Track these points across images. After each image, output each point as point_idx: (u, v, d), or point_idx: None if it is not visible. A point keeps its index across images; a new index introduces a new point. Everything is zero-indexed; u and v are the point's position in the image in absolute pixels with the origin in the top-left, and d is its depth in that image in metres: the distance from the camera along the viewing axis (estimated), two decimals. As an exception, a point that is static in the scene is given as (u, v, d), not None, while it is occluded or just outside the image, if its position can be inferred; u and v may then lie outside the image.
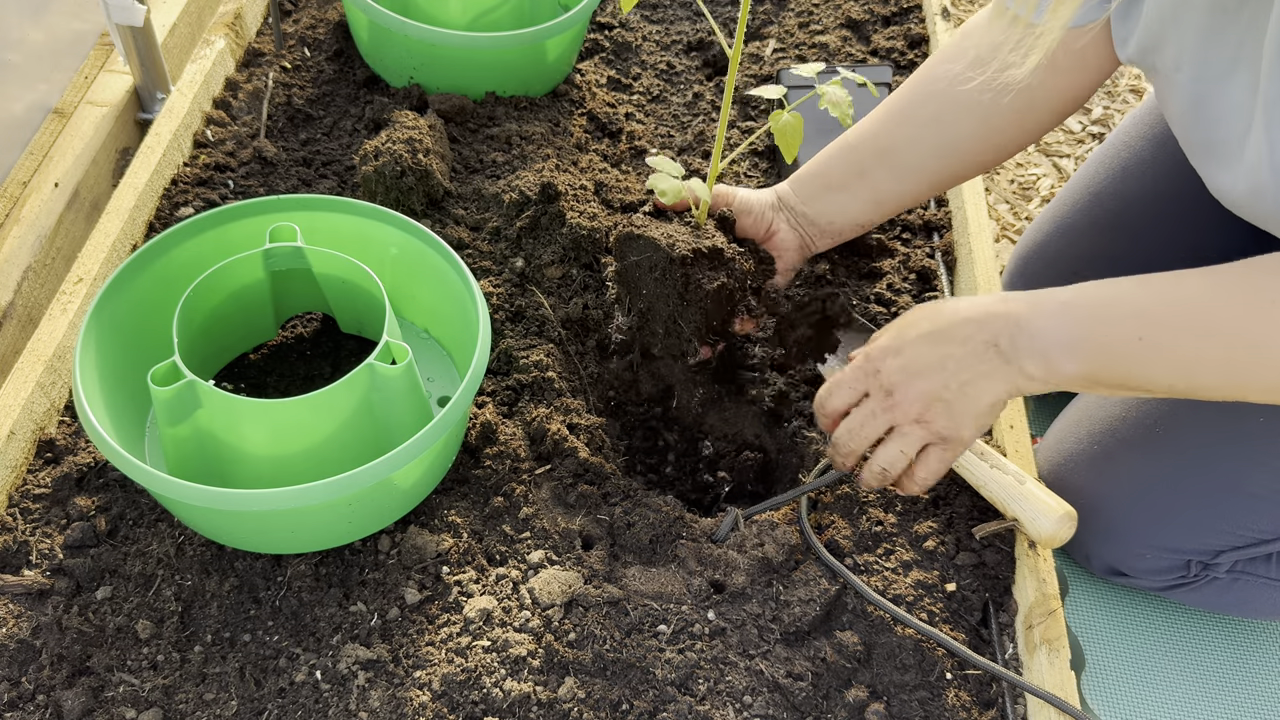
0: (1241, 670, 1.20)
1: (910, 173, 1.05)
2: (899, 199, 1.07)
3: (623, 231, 1.02)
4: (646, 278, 1.01)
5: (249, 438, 0.90)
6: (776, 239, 1.09)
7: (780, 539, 0.97)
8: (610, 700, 0.86)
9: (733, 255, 1.02)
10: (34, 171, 1.23)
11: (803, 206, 1.09)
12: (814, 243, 1.11)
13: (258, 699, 0.85)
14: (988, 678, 0.91)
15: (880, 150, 1.05)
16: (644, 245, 1.00)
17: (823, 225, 1.09)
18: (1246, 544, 1.08)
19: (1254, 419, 1.02)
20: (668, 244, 0.99)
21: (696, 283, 1.01)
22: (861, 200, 1.07)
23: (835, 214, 1.08)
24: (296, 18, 1.47)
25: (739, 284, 1.03)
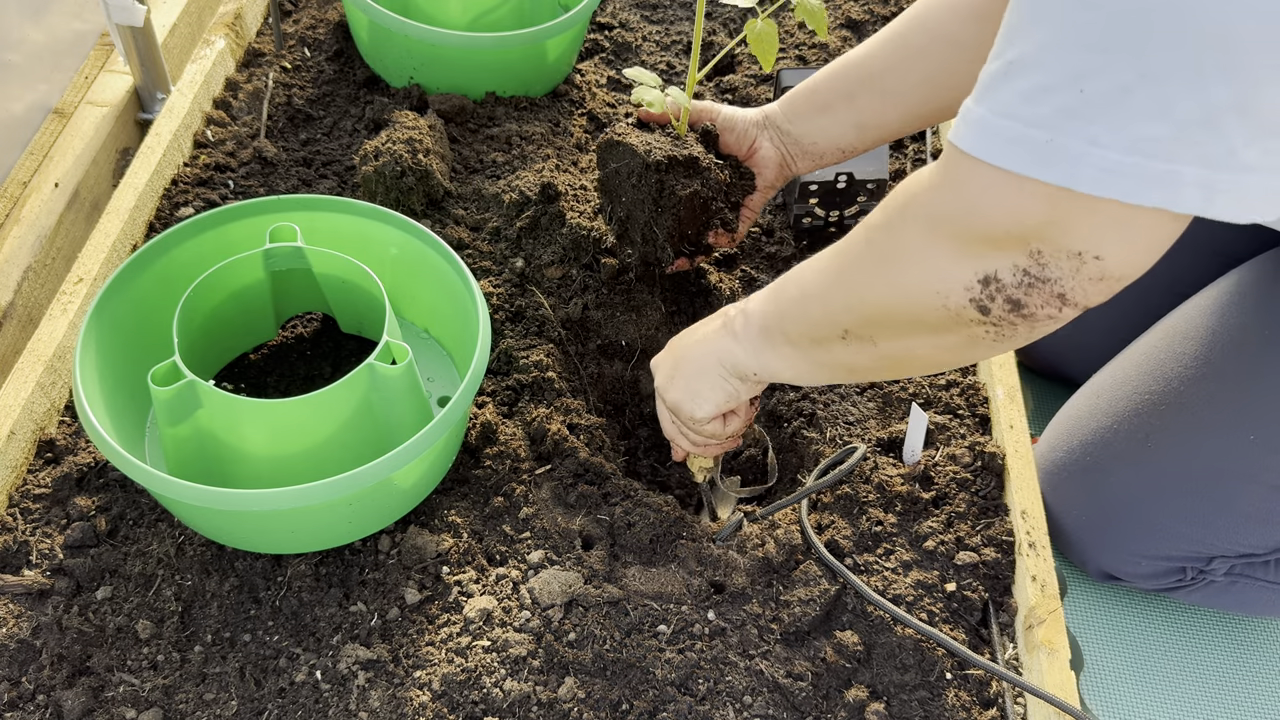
0: (1241, 670, 1.20)
1: (897, 100, 1.04)
2: (881, 126, 1.06)
3: (604, 138, 1.04)
4: (625, 184, 1.04)
5: (249, 438, 0.90)
6: (758, 156, 1.10)
7: (780, 539, 0.97)
8: (610, 700, 0.86)
9: (708, 165, 1.04)
10: (34, 171, 1.23)
11: (788, 125, 1.09)
12: (795, 163, 1.11)
13: (258, 699, 0.85)
14: (988, 678, 0.91)
15: (870, 74, 1.04)
16: (623, 151, 1.03)
17: (805, 145, 1.09)
18: (1238, 555, 1.08)
19: (1244, 436, 1.02)
20: (644, 150, 1.02)
21: (670, 189, 1.03)
22: (845, 123, 1.07)
23: (819, 135, 1.08)
24: (296, 18, 1.47)
25: (714, 193, 1.05)
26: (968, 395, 1.12)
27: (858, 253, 0.76)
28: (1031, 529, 0.98)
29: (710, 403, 0.91)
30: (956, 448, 1.06)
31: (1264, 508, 1.03)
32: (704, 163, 1.04)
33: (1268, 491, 1.02)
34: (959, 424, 1.09)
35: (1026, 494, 1.01)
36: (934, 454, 1.06)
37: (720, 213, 1.08)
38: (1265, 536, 1.05)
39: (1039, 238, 0.59)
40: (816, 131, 1.08)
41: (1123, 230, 0.56)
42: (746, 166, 1.11)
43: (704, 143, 1.07)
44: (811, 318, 0.80)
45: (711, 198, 1.05)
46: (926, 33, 1.01)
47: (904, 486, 1.02)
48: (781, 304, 0.84)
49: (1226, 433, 1.03)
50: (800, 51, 1.53)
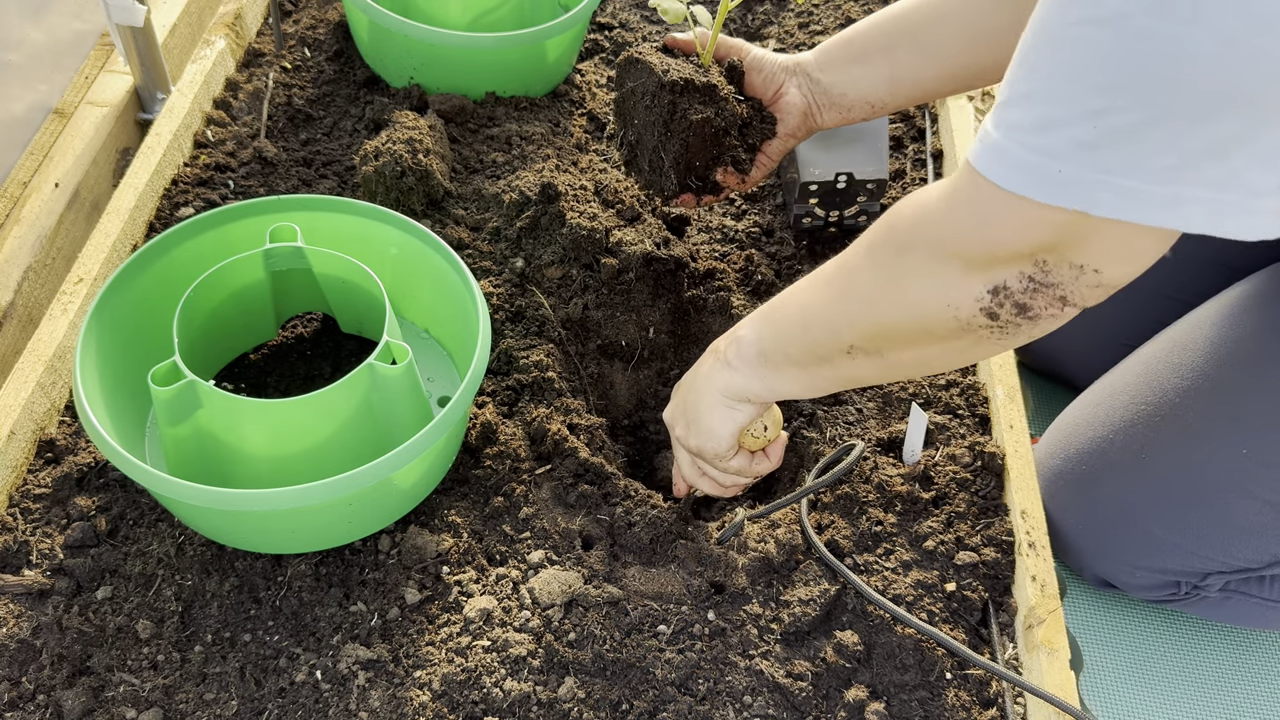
0: (1240, 672, 1.20)
1: (935, 56, 1.01)
2: (916, 83, 1.03)
3: (625, 56, 1.02)
4: (638, 104, 1.01)
5: (249, 438, 0.90)
6: (783, 101, 1.07)
7: (780, 539, 0.97)
8: (610, 700, 0.86)
9: (726, 95, 1.01)
10: (34, 171, 1.23)
11: (819, 74, 1.06)
12: (821, 113, 1.08)
13: (258, 699, 0.85)
14: (988, 677, 0.91)
15: (910, 26, 1.01)
16: (640, 70, 1.00)
17: (834, 96, 1.06)
18: (1233, 570, 1.08)
19: (1238, 449, 1.02)
20: (662, 70, 0.99)
21: (682, 112, 1.00)
22: (878, 75, 1.04)
23: (849, 86, 1.05)
24: (297, 18, 1.47)
25: (727, 125, 1.02)
26: (968, 395, 1.12)
27: (862, 273, 0.76)
28: (1031, 529, 0.98)
29: (725, 432, 0.90)
30: (956, 448, 1.06)
31: (1258, 521, 1.03)
32: (721, 92, 1.00)
33: (1261, 505, 1.02)
34: (959, 424, 1.09)
35: (1026, 494, 1.01)
36: (934, 454, 1.06)
37: (733, 149, 1.04)
38: (1259, 550, 1.05)
39: (1046, 251, 0.62)
40: (847, 82, 1.05)
41: (1125, 248, 0.60)
42: (769, 110, 1.08)
43: (728, 77, 1.03)
44: (815, 338, 0.81)
45: (725, 129, 1.01)
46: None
47: (904, 486, 1.02)
48: (779, 327, 0.85)
49: (1221, 446, 1.03)
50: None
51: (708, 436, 0.90)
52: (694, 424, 0.91)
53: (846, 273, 0.78)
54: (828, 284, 0.80)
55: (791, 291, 0.85)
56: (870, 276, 0.75)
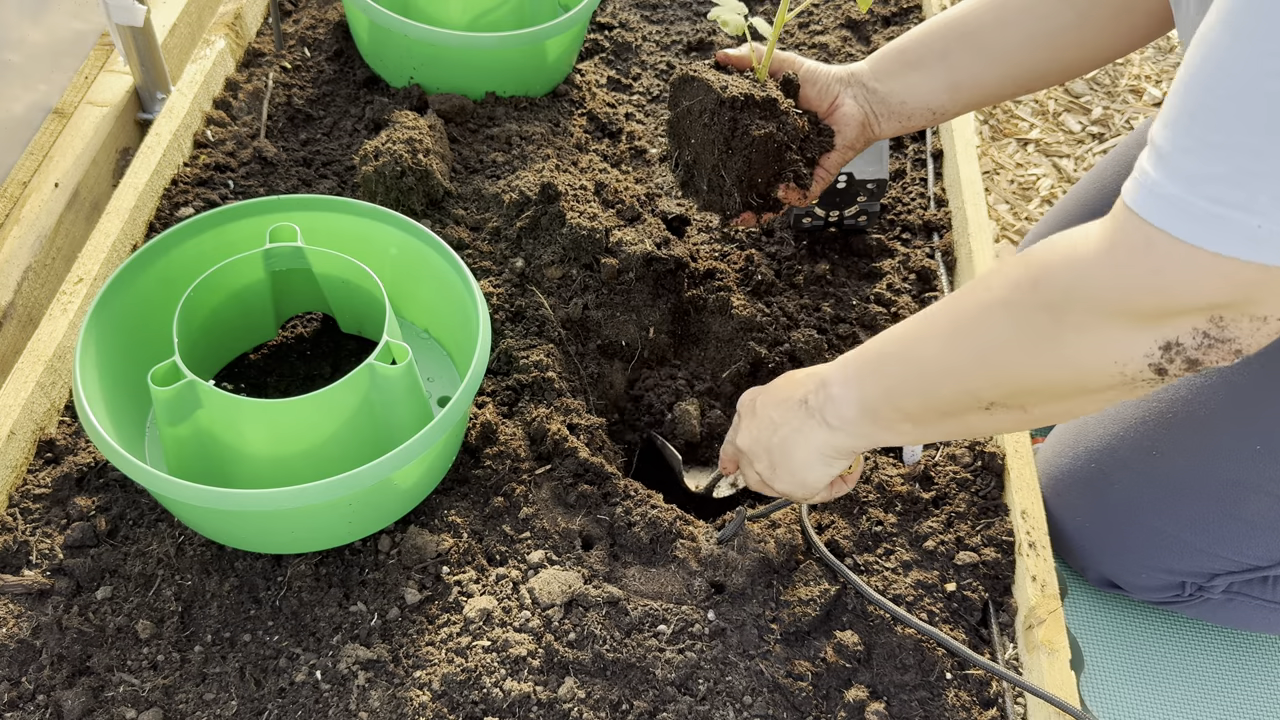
0: (1240, 673, 1.20)
1: (996, 59, 1.00)
2: (977, 87, 1.02)
3: (679, 74, 0.99)
4: (696, 123, 0.98)
5: (249, 438, 0.90)
6: (839, 113, 1.05)
7: (780, 539, 0.97)
8: (610, 700, 0.86)
9: (787, 109, 0.98)
10: (34, 171, 1.23)
11: (875, 83, 1.04)
12: (879, 124, 1.06)
13: (258, 699, 0.85)
14: (988, 677, 0.91)
15: (967, 32, 1.00)
16: (697, 88, 0.97)
17: (893, 105, 1.04)
18: (1242, 569, 1.08)
19: (1251, 446, 1.01)
20: (720, 87, 0.96)
21: (745, 128, 0.97)
22: (938, 81, 1.02)
23: (908, 94, 1.03)
24: (296, 18, 1.47)
25: (789, 140, 1.00)
26: (968, 395, 1.11)
27: (1002, 330, 0.71)
28: (1031, 529, 0.98)
29: (821, 483, 0.89)
30: (956, 448, 1.06)
31: (1270, 517, 1.03)
32: (782, 106, 0.98)
33: (1274, 502, 1.02)
34: (959, 424, 1.09)
35: (1026, 494, 1.01)
36: (934, 454, 1.06)
37: (794, 165, 1.01)
38: (1271, 548, 1.05)
39: (1225, 306, 0.60)
40: (905, 90, 1.03)
41: None
42: (826, 123, 1.06)
43: (784, 90, 1.02)
44: (942, 396, 0.77)
45: (786, 144, 0.99)
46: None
47: (904, 486, 1.03)
48: (889, 384, 0.80)
49: (1233, 442, 1.03)
50: (800, 51, 1.53)
51: (800, 486, 0.89)
52: (784, 472, 0.88)
53: (981, 329, 0.73)
54: (953, 339, 0.75)
55: (898, 342, 0.80)
56: (1016, 335, 0.70)
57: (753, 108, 0.97)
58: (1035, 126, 1.94)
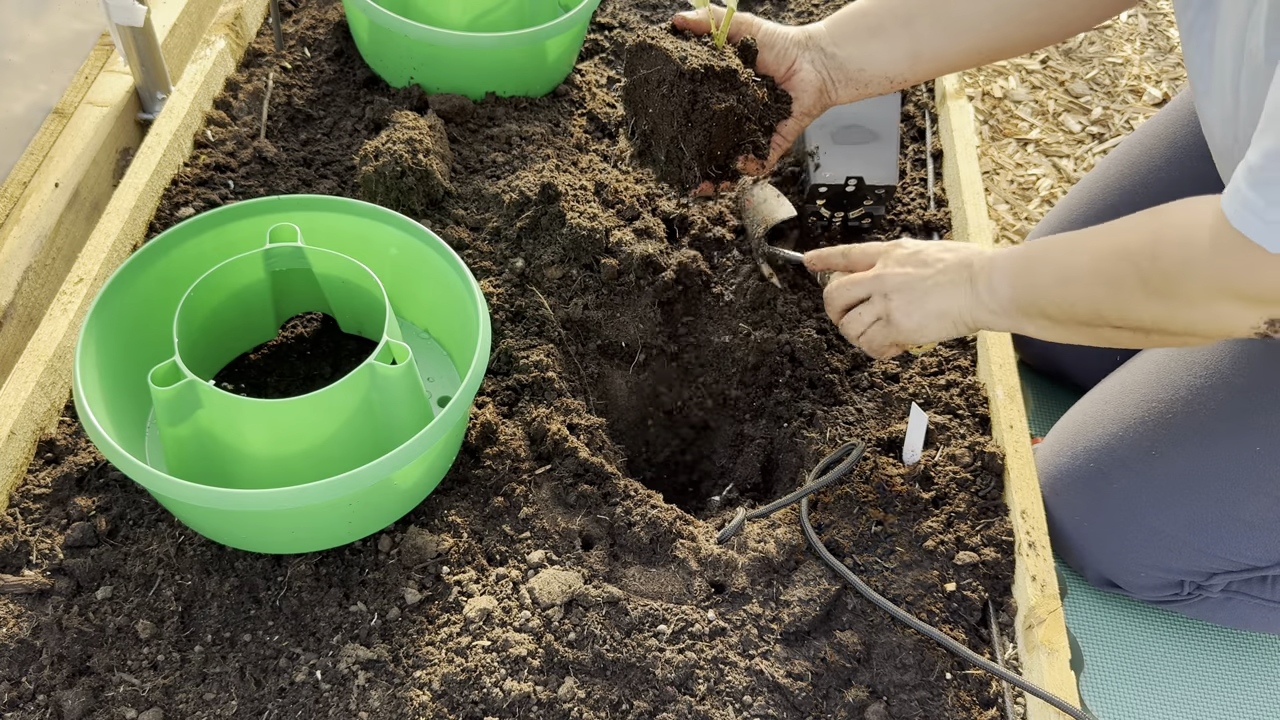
0: (1240, 673, 1.20)
1: (963, 31, 0.98)
2: (938, 58, 1.00)
3: (636, 41, 0.96)
4: (654, 93, 0.95)
5: (249, 438, 0.90)
6: (797, 78, 1.02)
7: (780, 539, 0.97)
8: (610, 700, 0.86)
9: (747, 80, 0.96)
10: (34, 172, 1.23)
11: (834, 48, 1.01)
12: (836, 89, 1.04)
13: (258, 699, 0.85)
14: (988, 677, 0.91)
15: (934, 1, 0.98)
16: (655, 57, 0.94)
17: (851, 71, 1.02)
18: (1240, 569, 1.08)
19: (1250, 447, 1.02)
20: (679, 57, 0.93)
21: (704, 102, 0.95)
22: (899, 49, 1.00)
23: (867, 61, 1.01)
24: (297, 18, 1.47)
25: (749, 112, 0.97)
26: (967, 395, 1.12)
27: (1132, 282, 0.81)
28: (1031, 529, 0.98)
29: (932, 337, 0.97)
30: (956, 448, 1.06)
31: (1269, 518, 1.03)
32: (742, 77, 0.95)
33: (1272, 503, 1.02)
34: (959, 424, 1.09)
35: (1026, 494, 1.01)
36: (934, 454, 1.06)
37: (753, 135, 0.99)
38: (1268, 548, 1.05)
39: None
40: (865, 57, 1.01)
41: None
42: (783, 89, 1.03)
43: (742, 57, 0.99)
44: (1079, 310, 0.86)
45: (746, 116, 0.97)
46: None
47: (904, 486, 1.03)
48: (1039, 289, 0.88)
49: (1233, 443, 1.03)
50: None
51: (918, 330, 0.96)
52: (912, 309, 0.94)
53: (1114, 273, 0.82)
54: (1094, 272, 0.83)
55: (1054, 251, 0.87)
56: (1142, 290, 0.80)
57: (712, 79, 0.94)
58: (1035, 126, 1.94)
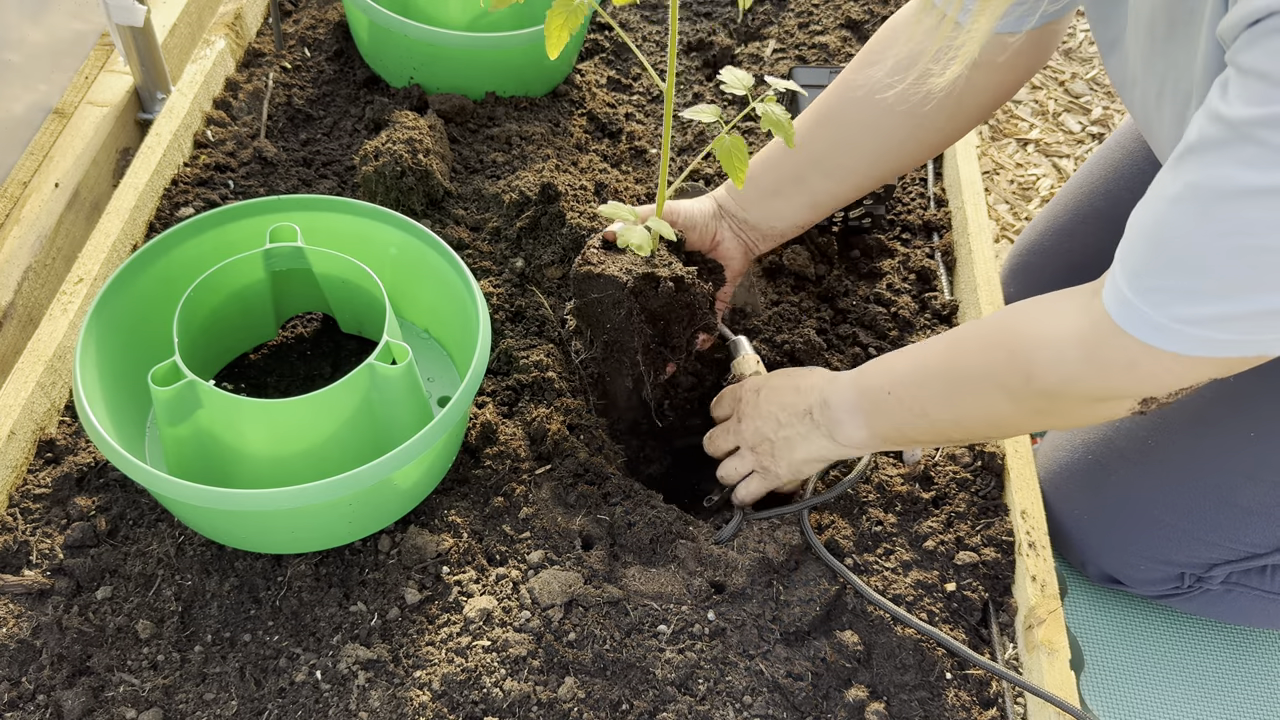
0: (1240, 672, 1.20)
1: (847, 176, 1.06)
2: (835, 200, 1.09)
3: (580, 270, 1.01)
4: (609, 313, 1.01)
5: (249, 438, 0.90)
6: (721, 248, 1.10)
7: (780, 539, 0.97)
8: (610, 700, 0.86)
9: (692, 281, 1.02)
10: (34, 172, 1.23)
11: (743, 213, 1.09)
12: (757, 246, 1.12)
13: (258, 699, 0.85)
14: (988, 677, 0.91)
15: (814, 158, 1.05)
16: (603, 282, 0.99)
17: (764, 229, 1.10)
18: (1239, 558, 1.09)
19: (1244, 433, 1.02)
20: (625, 278, 0.99)
21: (658, 310, 1.01)
22: (798, 205, 1.08)
23: (775, 219, 1.09)
24: (297, 18, 1.47)
25: (700, 303, 1.03)
26: (968, 395, 1.11)
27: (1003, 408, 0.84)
28: (1031, 529, 0.98)
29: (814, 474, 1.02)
30: (956, 448, 1.06)
31: (1265, 503, 1.04)
32: (688, 280, 1.02)
33: (1269, 488, 1.03)
34: (959, 424, 1.09)
35: (1026, 494, 1.01)
36: (934, 454, 1.06)
37: (705, 318, 1.05)
38: (1266, 534, 1.06)
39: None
40: (773, 216, 1.09)
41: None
42: (715, 260, 1.10)
43: (674, 251, 1.05)
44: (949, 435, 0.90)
45: (698, 306, 1.04)
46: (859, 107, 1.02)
47: (904, 486, 1.03)
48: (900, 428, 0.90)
49: (1228, 430, 1.04)
50: (800, 51, 1.53)
51: (796, 477, 0.99)
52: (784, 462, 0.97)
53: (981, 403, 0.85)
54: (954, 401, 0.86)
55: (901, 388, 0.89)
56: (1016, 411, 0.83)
57: (665, 292, 1.00)
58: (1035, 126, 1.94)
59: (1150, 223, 0.69)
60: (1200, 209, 0.65)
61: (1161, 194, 0.68)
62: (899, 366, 0.90)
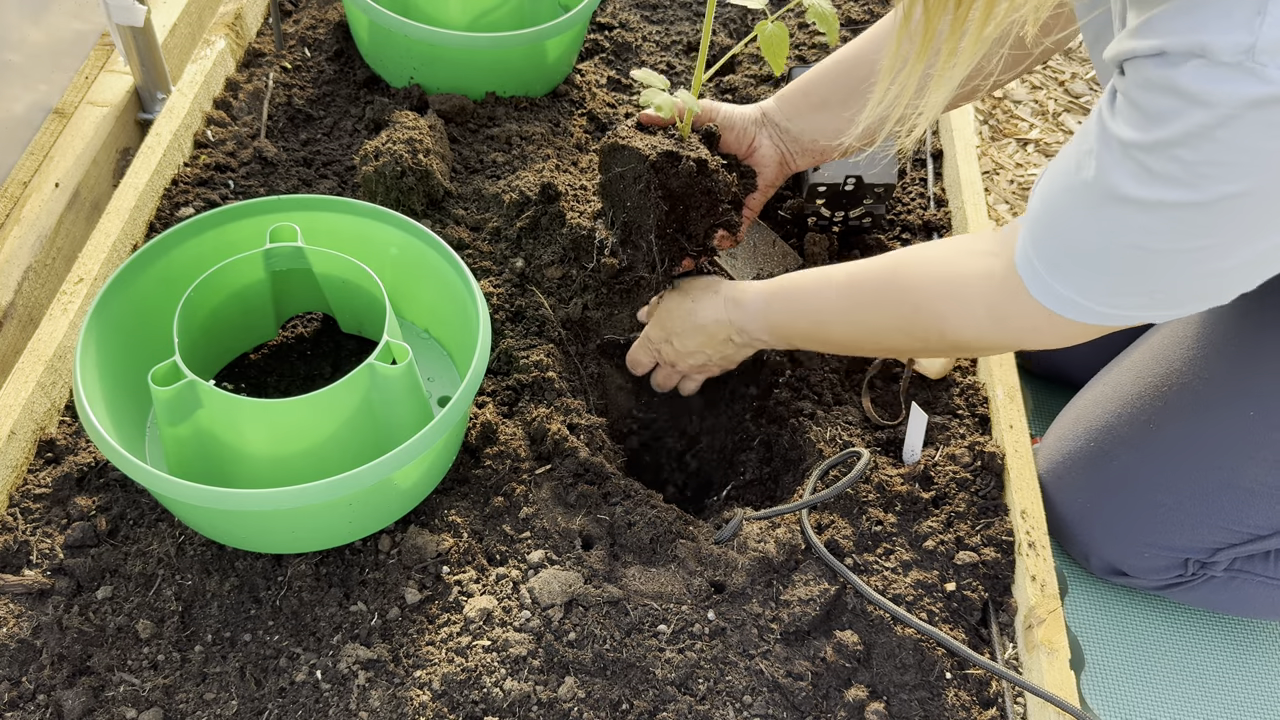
0: (1240, 670, 1.20)
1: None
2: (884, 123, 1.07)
3: (608, 143, 1.01)
4: (630, 189, 1.01)
5: (249, 438, 0.90)
6: (758, 154, 1.10)
7: (780, 539, 0.97)
8: (610, 700, 0.86)
9: (716, 166, 1.02)
10: (34, 172, 1.23)
11: (787, 123, 1.09)
12: (795, 160, 1.12)
13: (258, 699, 0.85)
14: (988, 677, 0.91)
15: (865, 78, 1.04)
16: (628, 155, 1.00)
17: (805, 143, 1.10)
18: (1243, 540, 1.09)
19: (1244, 412, 1.02)
20: (650, 153, 0.99)
21: (680, 190, 1.01)
22: (843, 121, 1.06)
23: (818, 132, 1.09)
24: (297, 18, 1.47)
25: (721, 194, 1.04)
26: (967, 395, 1.12)
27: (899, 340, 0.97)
28: (1031, 529, 0.98)
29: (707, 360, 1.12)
30: (956, 448, 1.06)
31: (1267, 483, 1.04)
32: (711, 165, 1.02)
33: (1269, 468, 1.03)
34: (959, 424, 1.09)
35: (1026, 494, 1.01)
36: (934, 454, 1.06)
37: (726, 214, 1.06)
38: (1268, 515, 1.06)
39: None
40: (816, 129, 1.08)
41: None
42: (747, 165, 1.11)
43: (707, 143, 1.06)
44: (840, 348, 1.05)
45: (719, 198, 1.04)
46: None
47: (904, 486, 1.03)
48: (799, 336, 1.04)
49: (1227, 410, 1.04)
50: (800, 51, 1.53)
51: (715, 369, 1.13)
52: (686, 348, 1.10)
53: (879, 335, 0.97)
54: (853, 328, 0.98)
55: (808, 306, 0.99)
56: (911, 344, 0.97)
57: (685, 171, 1.00)
58: (1035, 126, 1.94)
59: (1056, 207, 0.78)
60: (1095, 208, 0.74)
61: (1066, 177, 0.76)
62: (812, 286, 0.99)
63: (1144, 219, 0.71)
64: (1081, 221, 0.75)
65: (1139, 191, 0.70)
